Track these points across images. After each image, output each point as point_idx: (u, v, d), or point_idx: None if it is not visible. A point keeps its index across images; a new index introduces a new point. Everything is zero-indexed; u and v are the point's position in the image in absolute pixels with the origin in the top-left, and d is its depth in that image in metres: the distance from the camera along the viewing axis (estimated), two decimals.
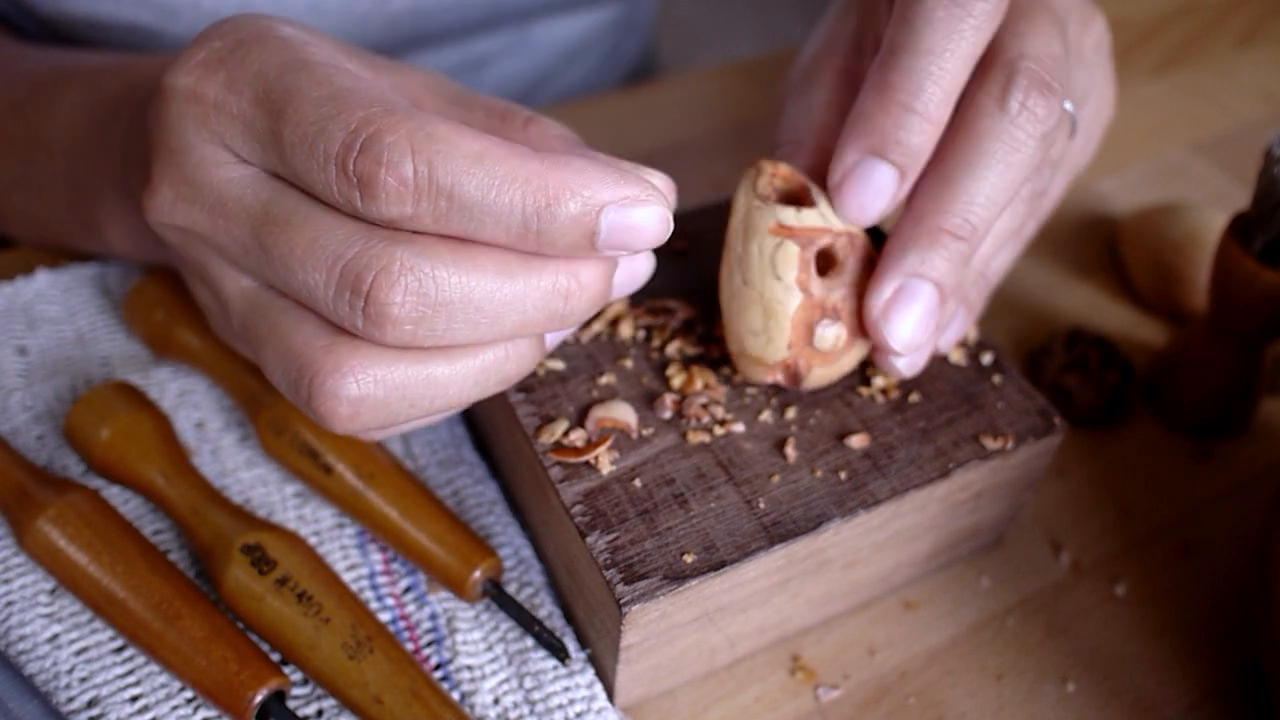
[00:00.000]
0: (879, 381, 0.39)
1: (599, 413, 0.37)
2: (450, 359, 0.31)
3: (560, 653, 0.36)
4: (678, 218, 0.43)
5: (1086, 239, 0.57)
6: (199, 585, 0.37)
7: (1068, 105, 0.39)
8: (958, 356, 0.40)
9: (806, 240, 0.35)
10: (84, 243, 0.45)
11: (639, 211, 0.30)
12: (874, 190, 0.35)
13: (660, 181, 0.34)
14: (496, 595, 0.37)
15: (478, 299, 0.29)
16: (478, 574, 0.37)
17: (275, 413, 0.40)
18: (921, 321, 0.35)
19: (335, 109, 0.28)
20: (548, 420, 0.36)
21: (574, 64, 0.72)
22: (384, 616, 0.38)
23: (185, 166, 0.32)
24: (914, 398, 0.39)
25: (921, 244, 0.35)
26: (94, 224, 0.43)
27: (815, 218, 0.36)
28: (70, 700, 0.35)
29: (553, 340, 0.34)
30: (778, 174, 0.37)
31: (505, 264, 0.30)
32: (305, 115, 0.29)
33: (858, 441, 0.37)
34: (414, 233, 0.29)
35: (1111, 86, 0.44)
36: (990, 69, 0.35)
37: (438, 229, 0.29)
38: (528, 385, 0.38)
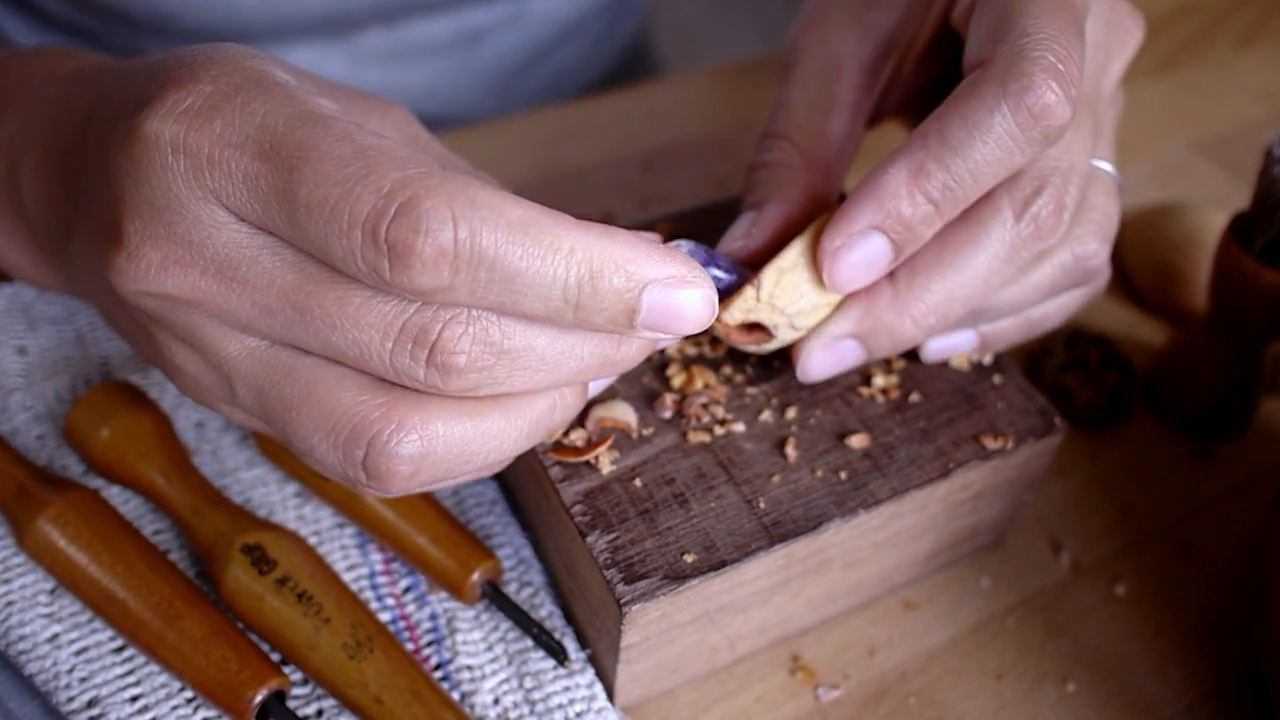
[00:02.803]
0: (879, 381, 0.39)
1: (599, 412, 0.37)
2: (505, 410, 0.30)
3: (559, 655, 0.36)
4: (678, 217, 0.43)
5: None
6: (199, 585, 0.37)
7: (1108, 168, 0.39)
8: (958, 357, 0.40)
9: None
10: None
11: (683, 293, 0.28)
12: (869, 264, 0.34)
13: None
14: (495, 598, 0.37)
15: (540, 346, 0.29)
16: (476, 576, 0.37)
17: None
18: (831, 364, 0.37)
19: (363, 169, 0.26)
20: None
21: (569, 41, 0.72)
22: (384, 616, 0.38)
23: (177, 226, 0.28)
24: (914, 398, 0.39)
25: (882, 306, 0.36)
26: None
27: (774, 345, 0.36)
28: (70, 700, 0.35)
29: (595, 387, 0.34)
30: (736, 324, 0.35)
31: None
32: (326, 175, 0.26)
33: (858, 441, 0.37)
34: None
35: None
36: (1021, 175, 0.35)
37: (471, 301, 0.27)
38: None
